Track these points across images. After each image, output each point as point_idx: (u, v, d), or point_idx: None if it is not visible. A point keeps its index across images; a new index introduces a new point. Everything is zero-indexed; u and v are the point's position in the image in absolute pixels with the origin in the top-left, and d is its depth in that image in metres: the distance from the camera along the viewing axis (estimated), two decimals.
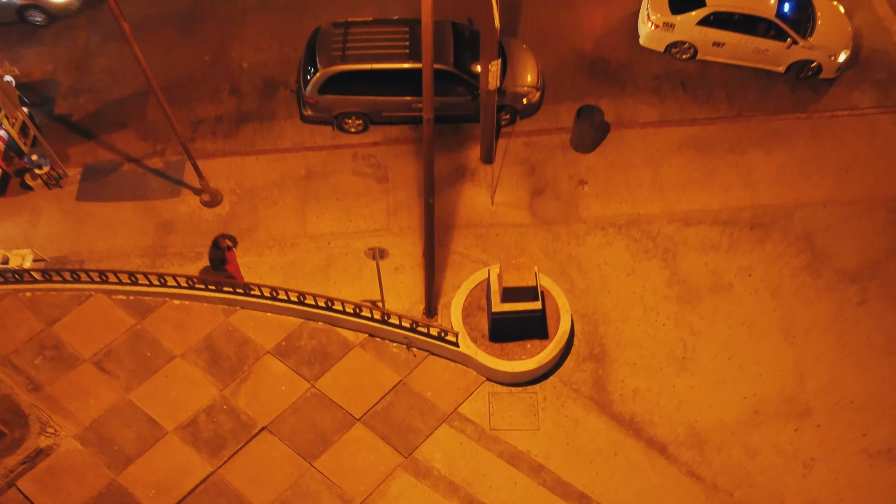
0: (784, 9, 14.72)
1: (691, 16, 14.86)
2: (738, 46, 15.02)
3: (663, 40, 15.33)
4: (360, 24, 14.37)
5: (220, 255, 12.01)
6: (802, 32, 14.77)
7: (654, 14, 15.11)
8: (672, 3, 15.11)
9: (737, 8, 14.70)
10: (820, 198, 13.87)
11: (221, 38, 16.38)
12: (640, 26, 15.65)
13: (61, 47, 16.33)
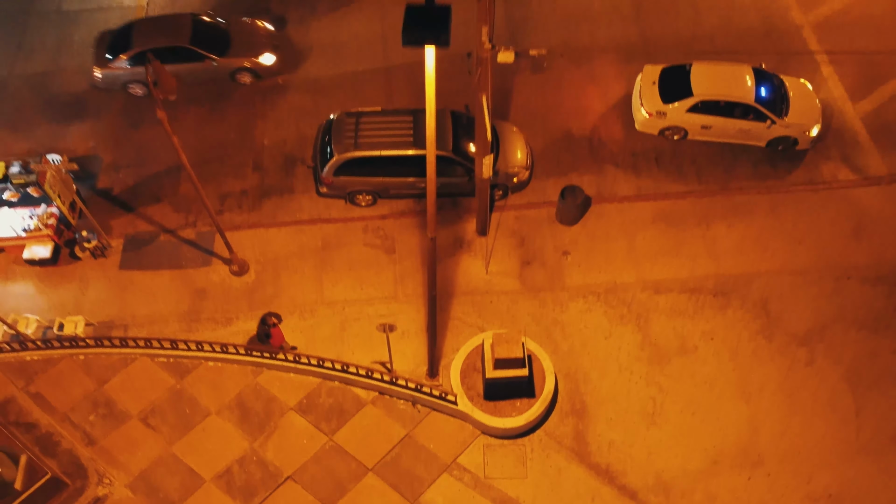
0: (761, 93, 16.58)
1: (681, 105, 16.71)
2: (724, 128, 16.87)
3: (657, 125, 17.16)
4: (369, 114, 16.30)
5: (266, 330, 13.87)
6: (779, 113, 16.64)
7: (648, 104, 16.95)
8: (662, 93, 16.91)
9: (720, 96, 16.55)
10: (775, 267, 15.74)
11: (245, 116, 18.31)
12: (635, 114, 17.42)
13: (102, 124, 18.29)
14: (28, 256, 15.85)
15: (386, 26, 19.53)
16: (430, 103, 9.63)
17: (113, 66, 17.99)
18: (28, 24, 20.16)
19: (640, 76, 17.58)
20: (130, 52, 17.84)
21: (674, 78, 16.99)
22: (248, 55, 18.38)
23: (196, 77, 18.34)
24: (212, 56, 18.11)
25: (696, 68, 16.95)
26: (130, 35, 18.14)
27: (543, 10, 19.81)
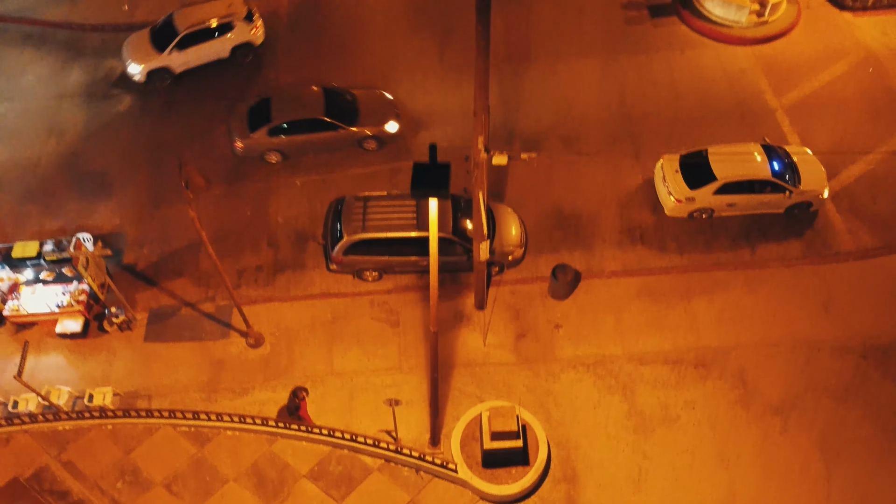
0: (775, 167, 18.08)
1: (707, 189, 18.09)
2: (748, 203, 18.35)
3: (686, 210, 18.45)
4: (376, 198, 17.73)
5: (295, 404, 15.11)
6: (793, 182, 18.13)
7: (676, 192, 18.26)
8: (687, 180, 18.25)
9: (740, 177, 17.98)
10: (751, 339, 16.99)
11: (260, 194, 19.76)
12: (664, 201, 18.63)
13: (127, 202, 19.72)
14: (60, 330, 17.14)
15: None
16: (433, 243, 11.07)
17: (254, 137, 19.54)
18: (60, 106, 21.76)
19: (659, 165, 18.96)
20: (270, 126, 19.44)
21: (694, 164, 18.39)
22: (375, 123, 19.92)
23: (329, 145, 19.95)
24: (344, 126, 19.65)
25: (713, 153, 18.39)
26: (269, 109, 19.69)
27: (535, 95, 21.40)
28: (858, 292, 17.58)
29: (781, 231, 18.60)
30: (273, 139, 19.63)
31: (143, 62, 21.35)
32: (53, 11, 24.06)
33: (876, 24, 22.61)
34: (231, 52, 21.93)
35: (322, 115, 19.50)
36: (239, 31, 21.65)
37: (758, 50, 22.12)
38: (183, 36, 21.20)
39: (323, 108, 19.60)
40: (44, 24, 23.80)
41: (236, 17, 21.51)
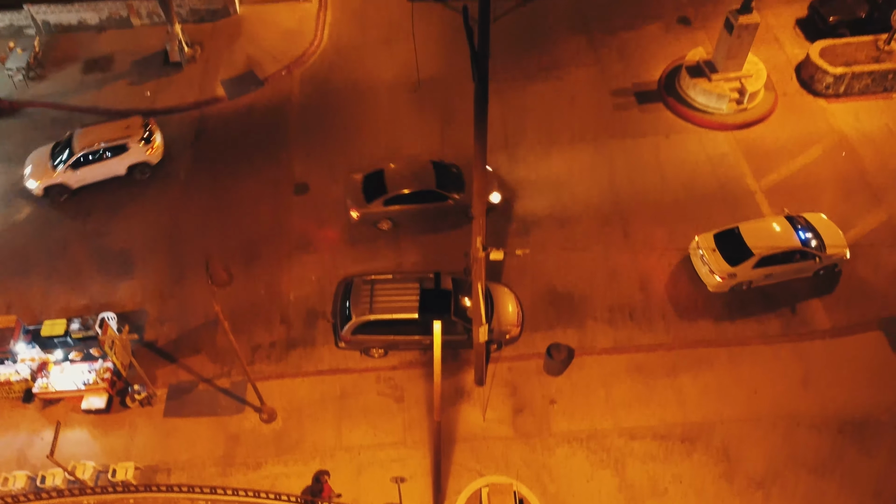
0: (802, 237, 19.59)
1: (746, 264, 19.43)
2: (783, 272, 19.74)
3: (728, 285, 19.73)
4: (382, 281, 19.04)
5: (319, 487, 16.17)
6: (820, 248, 19.60)
7: (717, 269, 19.50)
8: (725, 257, 19.54)
9: (775, 249, 19.36)
10: (735, 415, 18.07)
11: (273, 273, 21.07)
12: (706, 279, 19.84)
13: (149, 280, 21.02)
14: (86, 407, 18.25)
15: None
16: (438, 362, 12.29)
17: (371, 207, 21.01)
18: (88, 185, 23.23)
19: (694, 244, 20.33)
20: (386, 197, 20.92)
21: (729, 241, 19.77)
22: None
23: (438, 214, 21.44)
24: (452, 196, 21.08)
25: (745, 230, 19.83)
26: (383, 180, 21.22)
27: (531, 178, 22.88)
28: (834, 369, 18.72)
29: (762, 309, 19.84)
30: (388, 208, 21.13)
31: (39, 179, 22.35)
32: (80, 97, 25.78)
33: (848, 110, 24.24)
34: (128, 170, 22.94)
35: (434, 187, 21.03)
36: (134, 152, 22.64)
37: (738, 135, 23.70)
38: (77, 157, 22.21)
39: (434, 180, 21.16)
40: (70, 108, 25.49)
41: (132, 139, 22.55)
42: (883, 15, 25.13)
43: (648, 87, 25.12)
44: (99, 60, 26.89)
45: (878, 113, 24.17)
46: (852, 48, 24.67)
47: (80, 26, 27.81)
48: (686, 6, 27.65)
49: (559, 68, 25.77)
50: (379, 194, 21.09)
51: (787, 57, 25.83)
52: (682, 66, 24.88)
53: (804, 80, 24.94)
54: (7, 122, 25.18)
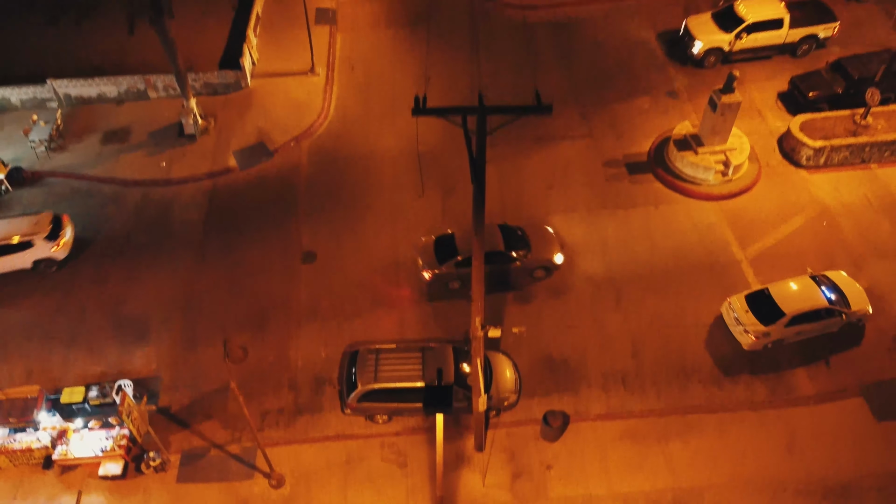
0: (828, 296, 20.84)
1: (780, 323, 20.56)
2: (812, 329, 20.90)
3: (762, 343, 20.86)
4: (386, 351, 20.04)
5: None
6: (846, 305, 20.83)
7: (752, 329, 20.66)
8: (759, 318, 20.72)
9: (804, 309, 20.53)
10: (723, 480, 18.89)
11: (282, 340, 22.08)
12: (741, 338, 20.97)
13: (164, 347, 22.02)
14: (102, 473, 19.08)
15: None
16: (440, 451, 13.24)
17: (443, 269, 22.24)
18: (106, 253, 24.40)
19: (726, 306, 21.50)
20: (457, 259, 22.18)
21: (760, 302, 20.94)
22: (544, 255, 22.60)
23: (506, 275, 22.74)
24: (520, 258, 22.32)
25: (774, 291, 21.02)
26: (454, 244, 22.54)
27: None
28: (818, 435, 19.60)
29: (747, 377, 20.79)
30: (459, 270, 22.34)
31: None
32: (98, 167, 27.13)
33: (829, 181, 25.55)
34: (33, 265, 23.57)
35: (503, 249, 22.29)
36: (39, 248, 23.21)
37: (724, 205, 24.96)
38: None
39: (502, 242, 22.42)
40: (89, 178, 26.82)
41: (38, 235, 23.17)
42: (858, 91, 26.65)
43: (639, 158, 26.49)
44: (117, 132, 28.34)
45: (857, 183, 25.48)
46: (831, 122, 26.12)
47: (100, 99, 29.33)
48: (673, 80, 29.23)
49: (554, 139, 27.19)
50: (450, 256, 22.38)
51: (770, 129, 27.26)
52: (670, 138, 26.29)
53: (786, 152, 26.32)
54: (30, 191, 26.48)
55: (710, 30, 29.02)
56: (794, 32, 28.85)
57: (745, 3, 29.05)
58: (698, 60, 29.32)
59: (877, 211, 24.56)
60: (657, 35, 31.25)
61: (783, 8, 28.72)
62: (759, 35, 28.75)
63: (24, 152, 27.53)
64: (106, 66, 30.05)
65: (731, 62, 29.74)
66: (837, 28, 29.18)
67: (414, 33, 31.85)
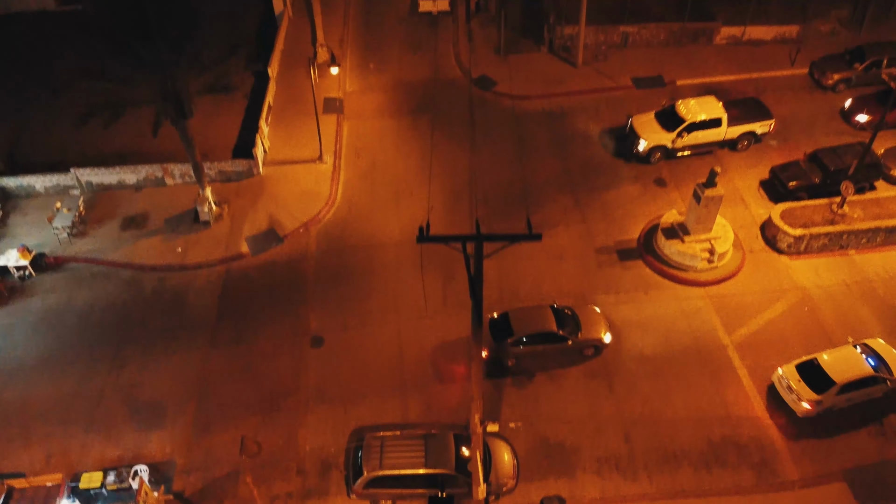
0: (872, 364, 22.39)
1: (831, 392, 21.89)
2: (859, 396, 22.38)
3: (815, 410, 22.17)
4: (391, 438, 21.11)
5: None
6: (889, 372, 22.28)
7: (806, 398, 21.95)
8: (811, 387, 22.02)
9: (853, 378, 22.07)
10: None
11: (291, 424, 23.12)
12: (795, 406, 22.27)
13: (178, 431, 23.05)
14: None
15: None
16: None
17: (499, 347, 23.45)
18: (119, 342, 25.64)
19: (778, 376, 22.93)
20: (513, 338, 23.45)
21: (811, 372, 22.37)
22: (594, 334, 23.91)
23: (557, 354, 23.97)
24: (571, 337, 23.58)
25: (822, 360, 22.52)
26: (509, 324, 23.77)
27: None
28: None
29: (735, 461, 21.79)
30: (514, 348, 23.63)
31: None
32: (117, 252, 28.59)
33: (809, 267, 27.00)
34: None
35: (555, 329, 23.60)
36: None
37: (711, 290, 26.35)
38: None
39: (554, 323, 23.73)
40: (109, 264, 28.26)
41: None
42: (834, 181, 28.35)
43: (629, 244, 27.99)
44: (135, 218, 29.91)
45: (836, 269, 26.92)
46: (810, 210, 27.72)
47: (120, 185, 31.01)
48: (661, 168, 30.98)
49: (549, 226, 28.75)
50: (506, 335, 23.67)
51: (753, 216, 28.86)
52: (658, 225, 27.84)
53: (768, 239, 27.84)
54: (52, 276, 27.88)
55: (653, 129, 30.60)
56: (732, 130, 30.55)
57: (685, 103, 30.68)
58: (644, 157, 30.83)
59: (855, 297, 25.93)
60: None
61: (721, 108, 30.40)
62: (699, 133, 30.35)
63: (47, 238, 29.03)
64: (126, 154, 31.83)
65: (675, 157, 31.21)
66: (773, 125, 31.00)
67: (416, 122, 33.79)
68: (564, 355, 24.25)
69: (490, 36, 38.23)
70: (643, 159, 30.97)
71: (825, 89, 34.26)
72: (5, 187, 30.57)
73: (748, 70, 35.51)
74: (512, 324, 23.95)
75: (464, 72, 36.33)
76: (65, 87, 34.38)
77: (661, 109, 31.37)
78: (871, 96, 32.34)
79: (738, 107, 31.17)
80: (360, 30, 39.96)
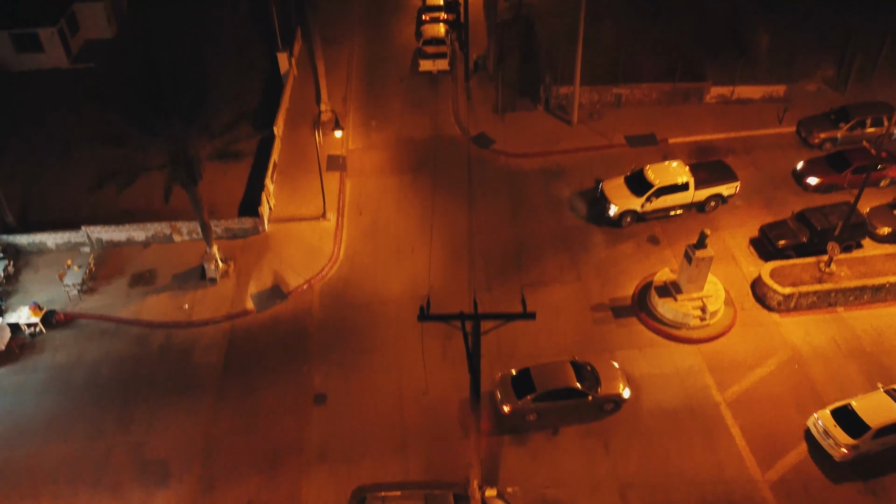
0: None
1: (867, 436, 22.71)
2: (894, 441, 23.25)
3: (852, 455, 22.88)
4: (392, 498, 21.66)
5: None
6: None
7: (843, 442, 22.73)
8: (847, 432, 22.82)
9: (886, 422, 22.86)
10: None
11: (293, 482, 23.60)
12: (832, 451, 23.02)
13: (183, 489, 23.53)
14: None
15: None
16: None
17: (521, 403, 24.24)
18: (126, 400, 26.24)
19: (814, 420, 23.71)
20: (535, 394, 24.17)
21: (846, 417, 23.17)
22: (613, 389, 24.63)
23: (577, 409, 24.57)
24: (591, 393, 24.31)
25: (856, 405, 23.32)
26: (530, 379, 24.54)
27: None
28: None
29: None
30: (536, 404, 24.30)
31: None
32: (126, 309, 29.37)
33: (799, 324, 27.75)
34: None
35: (576, 385, 24.32)
36: None
37: (703, 348, 27.06)
38: None
39: (575, 379, 24.47)
40: (117, 320, 29.02)
41: None
42: (822, 240, 29.27)
43: (623, 302, 28.79)
44: (144, 274, 30.76)
45: (825, 326, 27.67)
46: (798, 269, 28.59)
47: (129, 242, 31.94)
48: (654, 227, 31.95)
49: (546, 284, 29.58)
50: (528, 391, 24.37)
51: (744, 273, 29.72)
52: (651, 283, 28.68)
53: (759, 297, 28.66)
54: (61, 333, 28.62)
55: (623, 194, 31.40)
56: (699, 193, 31.42)
57: (653, 169, 31.56)
58: (615, 221, 31.55)
59: (844, 355, 26.63)
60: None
61: (688, 172, 31.30)
62: (668, 197, 31.18)
63: (57, 294, 29.82)
64: (135, 211, 32.79)
65: (645, 220, 31.88)
66: (739, 186, 31.93)
67: (416, 180, 34.88)
68: (585, 411, 24.85)
69: (488, 95, 39.61)
70: (615, 223, 31.68)
71: (812, 147, 35.44)
72: (18, 244, 31.51)
73: (737, 128, 36.76)
74: (533, 380, 24.63)
75: (463, 130, 37.58)
76: (76, 146, 35.66)
77: (630, 174, 32.19)
78: (822, 159, 33.42)
79: (704, 170, 32.02)
80: (363, 87, 41.37)
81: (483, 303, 28.54)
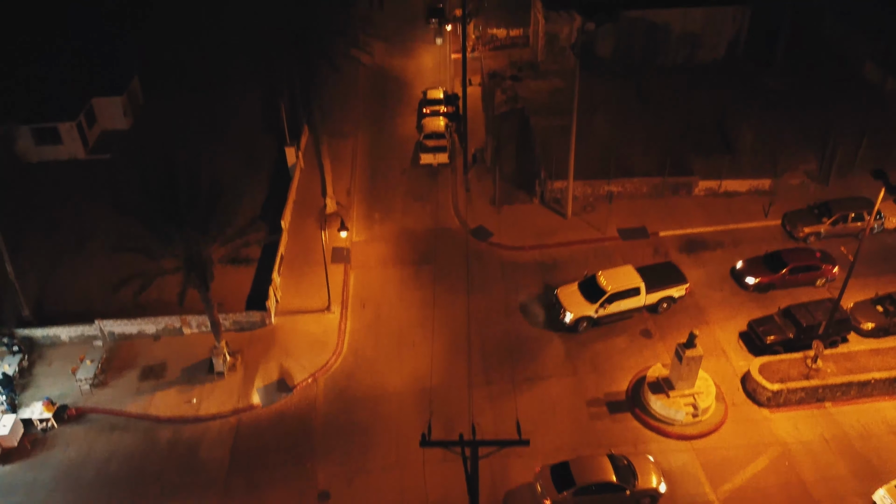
0: None
1: None
2: None
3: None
4: None
5: None
6: None
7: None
8: None
9: None
10: None
11: None
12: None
13: None
14: None
15: None
16: None
17: (560, 497, 24.87)
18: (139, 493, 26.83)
19: (880, 495, 24.81)
20: (575, 488, 24.90)
21: None
22: (650, 485, 25.25)
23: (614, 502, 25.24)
24: (628, 487, 25.01)
25: None
26: (569, 473, 25.24)
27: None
28: None
29: None
30: (575, 498, 25.03)
31: None
32: (135, 403, 30.25)
33: (788, 419, 28.63)
34: None
35: (614, 479, 25.01)
36: None
37: (696, 444, 27.85)
38: None
39: (613, 473, 25.16)
40: (127, 415, 29.86)
41: None
42: (808, 336, 30.42)
43: (618, 397, 29.73)
44: (154, 367, 31.75)
45: (814, 422, 28.53)
46: (786, 365, 29.65)
47: (140, 335, 33.06)
48: (647, 320, 33.14)
49: (542, 378, 30.56)
50: (567, 486, 25.14)
51: (734, 368, 30.74)
52: (645, 378, 29.67)
53: (749, 392, 29.61)
54: (72, 428, 29.43)
55: (577, 301, 32.21)
56: (651, 296, 32.46)
57: (605, 275, 32.48)
58: (571, 327, 32.20)
59: (833, 452, 27.41)
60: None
61: (639, 277, 32.30)
62: (621, 302, 32.10)
63: (69, 388, 30.75)
64: (145, 305, 34.01)
65: (599, 326, 32.62)
66: (687, 288, 33.06)
67: (418, 272, 36.26)
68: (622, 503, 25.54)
69: (486, 187, 41.41)
70: (571, 329, 32.35)
71: (798, 240, 36.95)
72: (33, 337, 32.62)
73: (725, 221, 38.38)
74: (573, 473, 25.38)
75: (462, 223, 39.18)
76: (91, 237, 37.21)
77: (583, 280, 33.16)
78: (760, 259, 34.71)
79: (654, 271, 33.08)
80: (367, 180, 43.22)
81: (483, 398, 29.56)
